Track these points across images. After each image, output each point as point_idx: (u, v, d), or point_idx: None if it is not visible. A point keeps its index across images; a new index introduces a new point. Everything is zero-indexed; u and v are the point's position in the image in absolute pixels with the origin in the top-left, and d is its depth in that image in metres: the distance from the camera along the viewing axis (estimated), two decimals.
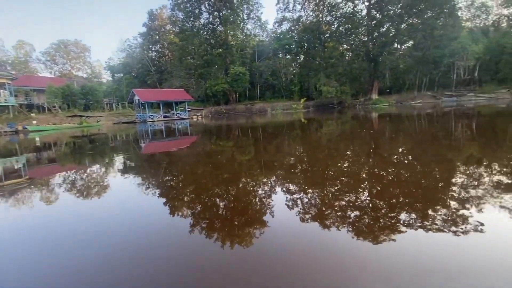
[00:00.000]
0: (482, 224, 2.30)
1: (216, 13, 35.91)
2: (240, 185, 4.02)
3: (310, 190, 3.53)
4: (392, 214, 2.60)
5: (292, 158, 5.94)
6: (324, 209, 2.85)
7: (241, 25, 36.65)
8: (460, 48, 26.84)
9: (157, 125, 23.15)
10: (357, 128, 11.99)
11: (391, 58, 31.18)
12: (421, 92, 31.61)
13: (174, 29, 41.83)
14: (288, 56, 39.47)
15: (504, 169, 3.93)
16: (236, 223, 2.68)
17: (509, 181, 3.29)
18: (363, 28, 33.48)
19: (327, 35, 34.79)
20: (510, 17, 29.28)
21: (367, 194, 3.30)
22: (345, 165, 5.01)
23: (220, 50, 35.33)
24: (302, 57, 37.59)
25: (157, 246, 2.24)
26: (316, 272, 1.79)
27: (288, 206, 3.02)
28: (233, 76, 33.59)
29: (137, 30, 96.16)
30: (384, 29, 32.20)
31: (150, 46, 45.33)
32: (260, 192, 3.63)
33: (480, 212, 2.55)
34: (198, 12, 36.34)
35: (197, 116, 32.02)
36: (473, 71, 28.68)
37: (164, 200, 3.53)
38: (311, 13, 37.54)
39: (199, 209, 3.15)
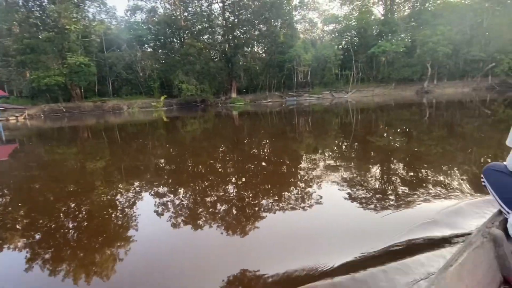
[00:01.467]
0: (321, 197, 3.06)
1: None
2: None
3: (182, 191, 3.66)
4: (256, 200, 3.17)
5: (157, 160, 5.80)
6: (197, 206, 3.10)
7: (81, 6, 30.66)
8: (296, 55, 31.43)
9: None
10: (218, 125, 12.94)
11: (244, 60, 33.55)
12: (271, 92, 35.48)
13: None
14: (150, 49, 36.31)
15: (336, 154, 5.38)
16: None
17: (338, 163, 4.52)
18: (219, 29, 34.46)
19: (185, 31, 33.88)
20: (330, 33, 36.62)
21: (232, 185, 3.82)
22: (211, 161, 5.42)
23: (51, 33, 28.40)
24: (161, 51, 35.18)
25: None
26: None
27: (157, 212, 2.97)
28: (72, 67, 27.73)
29: None
30: (238, 32, 34.21)
31: None
32: (122, 202, 3.33)
33: (319, 188, 3.38)
34: None
35: (17, 117, 24.68)
36: (307, 75, 34.30)
37: None
38: (168, 6, 35.66)
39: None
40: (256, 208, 2.88)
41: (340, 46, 34.96)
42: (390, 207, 2.65)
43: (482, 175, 1.47)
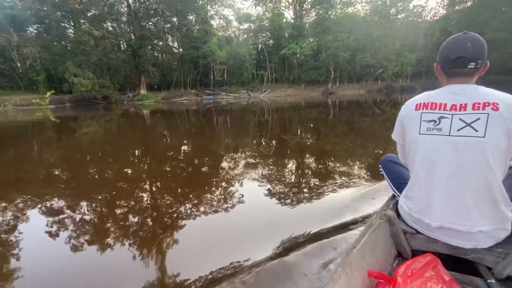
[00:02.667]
0: (242, 196, 3.17)
1: None
2: None
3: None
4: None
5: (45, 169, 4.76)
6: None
7: None
8: (210, 52, 30.11)
9: None
10: (125, 126, 11.69)
11: (152, 53, 30.56)
12: (187, 90, 33.38)
13: None
14: (34, 32, 29.65)
15: (254, 152, 5.39)
16: None
17: (257, 161, 4.65)
18: (122, 16, 30.51)
19: (79, 14, 28.80)
20: (245, 32, 36.52)
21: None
22: (116, 167, 4.83)
23: None
24: (46, 37, 29.08)
25: None
26: None
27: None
28: None
29: None
30: (146, 23, 30.93)
31: None
32: None
33: (240, 186, 3.52)
34: None
35: None
36: (224, 74, 33.43)
37: None
38: None
39: None
40: (175, 215, 2.75)
41: (255, 46, 35.20)
42: (306, 199, 2.94)
43: (380, 165, 1.71)
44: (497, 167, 1.03)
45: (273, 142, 6.72)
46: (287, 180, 3.64)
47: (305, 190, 3.23)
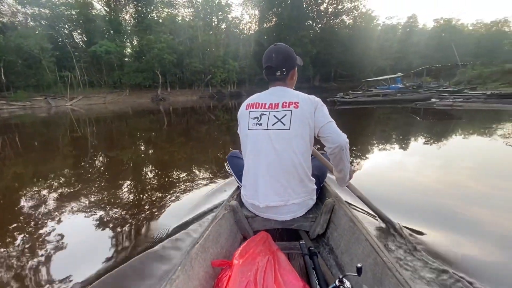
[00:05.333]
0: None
1: None
2: None
3: None
4: None
5: None
6: None
7: None
8: None
9: None
10: None
11: None
12: None
13: None
14: None
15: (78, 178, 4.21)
16: None
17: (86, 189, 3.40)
18: None
19: None
20: (37, 19, 27.10)
21: None
22: None
23: None
24: None
25: None
26: None
27: None
28: None
29: None
30: None
31: None
32: None
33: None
34: None
35: None
36: (0, 74, 23.15)
37: None
38: None
39: None
40: None
41: (57, 39, 26.75)
42: (164, 201, 2.79)
43: (226, 161, 1.89)
44: (301, 152, 1.24)
45: (99, 161, 5.27)
46: (147, 192, 3.16)
47: (164, 194, 3.00)
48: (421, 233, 1.81)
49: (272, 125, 1.23)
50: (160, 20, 30.68)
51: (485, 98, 10.13)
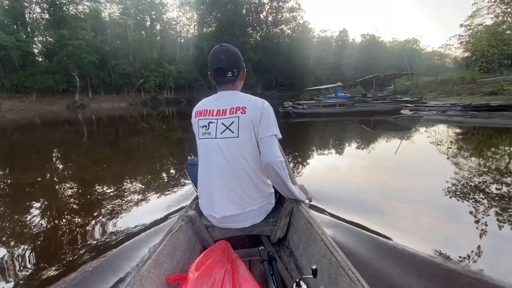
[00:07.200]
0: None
1: None
2: None
3: None
4: None
5: None
6: None
7: None
8: None
9: None
10: None
11: None
12: None
13: None
14: None
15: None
16: None
17: None
18: None
19: None
20: None
21: None
22: None
23: None
24: None
25: None
26: None
27: None
28: None
29: None
30: None
31: None
32: None
33: None
34: None
35: None
36: None
37: None
38: None
39: None
40: None
41: None
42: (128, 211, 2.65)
43: (185, 169, 1.77)
44: (252, 158, 1.19)
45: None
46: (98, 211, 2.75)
47: (129, 205, 2.83)
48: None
49: (221, 133, 1.19)
50: (82, 16, 26.22)
51: (467, 111, 8.61)
